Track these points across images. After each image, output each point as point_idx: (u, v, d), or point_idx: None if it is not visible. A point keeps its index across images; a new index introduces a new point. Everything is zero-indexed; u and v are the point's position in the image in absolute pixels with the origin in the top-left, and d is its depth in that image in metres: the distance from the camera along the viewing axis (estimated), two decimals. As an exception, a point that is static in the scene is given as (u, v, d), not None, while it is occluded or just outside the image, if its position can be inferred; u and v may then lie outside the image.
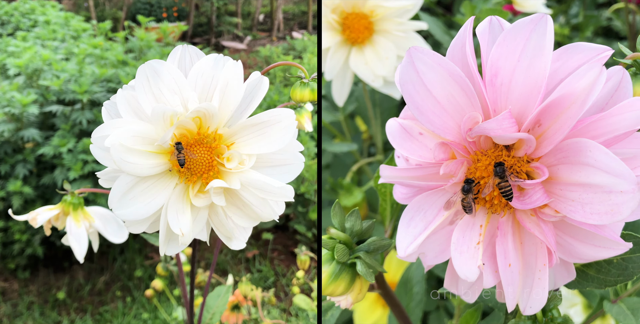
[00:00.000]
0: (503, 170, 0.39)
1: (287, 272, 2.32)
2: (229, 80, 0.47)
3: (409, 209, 0.42)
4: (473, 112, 0.39)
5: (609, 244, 0.38)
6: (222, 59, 0.48)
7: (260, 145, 0.48)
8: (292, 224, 2.40)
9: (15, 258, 2.17)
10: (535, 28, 0.38)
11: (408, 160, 0.42)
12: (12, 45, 2.44)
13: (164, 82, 0.47)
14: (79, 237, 0.71)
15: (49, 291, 2.20)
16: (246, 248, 2.43)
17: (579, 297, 0.76)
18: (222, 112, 0.48)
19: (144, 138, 0.47)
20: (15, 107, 2.05)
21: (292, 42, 3.53)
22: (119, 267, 2.29)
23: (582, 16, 1.50)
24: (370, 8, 0.93)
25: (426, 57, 0.39)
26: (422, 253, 0.42)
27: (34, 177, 2.11)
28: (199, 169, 0.49)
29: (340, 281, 0.45)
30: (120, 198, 0.48)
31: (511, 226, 0.40)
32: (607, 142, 0.37)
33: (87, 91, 2.09)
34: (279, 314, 1.95)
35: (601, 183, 0.36)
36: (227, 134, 0.49)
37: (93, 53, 2.36)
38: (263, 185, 0.48)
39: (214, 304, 0.85)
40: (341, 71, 0.97)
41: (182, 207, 0.49)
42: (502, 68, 0.39)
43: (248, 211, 0.50)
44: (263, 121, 0.48)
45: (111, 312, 2.12)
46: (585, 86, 0.36)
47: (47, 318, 2.08)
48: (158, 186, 0.49)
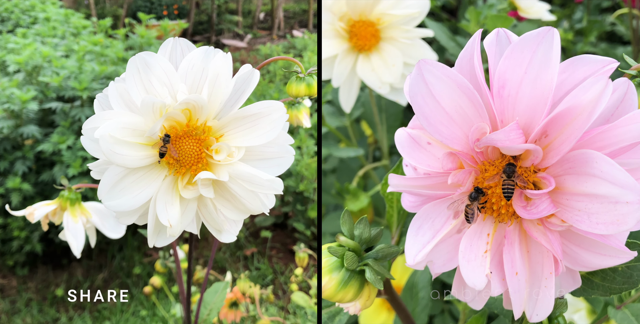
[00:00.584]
0: (513, 171, 0.40)
1: (285, 270, 2.33)
2: (219, 72, 0.47)
3: (417, 218, 0.43)
4: (481, 123, 0.40)
5: (614, 252, 0.39)
6: (212, 52, 0.48)
7: (250, 137, 0.49)
8: (291, 222, 2.40)
9: (13, 255, 2.17)
10: (542, 41, 0.38)
11: (416, 169, 0.43)
12: (12, 42, 2.44)
13: (154, 74, 0.47)
14: (76, 233, 0.71)
15: (48, 287, 2.20)
16: (245, 245, 2.44)
17: (583, 303, 0.76)
18: (212, 104, 0.48)
19: (133, 130, 0.47)
20: (15, 103, 2.05)
21: (293, 40, 3.53)
22: (117, 264, 2.30)
23: (586, 21, 1.50)
24: (377, 16, 0.94)
25: (435, 70, 0.40)
26: (430, 260, 0.43)
27: (33, 174, 2.11)
28: (188, 161, 0.49)
29: (349, 287, 0.45)
30: (109, 189, 0.48)
31: (518, 235, 0.41)
32: (613, 153, 0.38)
33: (87, 88, 2.09)
34: (277, 312, 1.95)
35: (607, 194, 0.36)
36: (217, 126, 0.49)
37: (93, 50, 2.36)
38: (252, 177, 0.48)
39: (211, 301, 0.86)
40: (348, 78, 0.98)
41: (170, 199, 0.49)
42: (510, 80, 0.39)
43: (237, 204, 0.50)
44: (253, 114, 0.48)
45: (109, 309, 2.12)
46: (591, 99, 0.37)
47: (46, 314, 2.09)
48: (147, 177, 0.49)
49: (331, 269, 0.46)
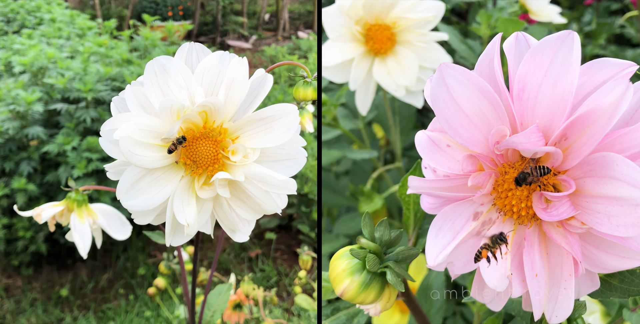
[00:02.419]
0: (524, 178, 0.40)
1: (289, 272, 2.33)
2: (235, 76, 0.48)
3: (437, 219, 0.43)
4: (501, 125, 0.40)
5: (633, 255, 0.39)
6: (227, 56, 0.49)
7: (264, 139, 0.50)
8: (296, 224, 2.41)
9: (19, 255, 2.18)
10: (563, 44, 0.39)
11: (436, 171, 0.43)
12: (18, 43, 2.44)
13: (172, 77, 0.48)
14: (82, 234, 0.72)
15: (52, 288, 2.21)
16: (249, 247, 2.44)
17: (597, 305, 0.77)
18: (228, 106, 0.49)
19: (151, 131, 0.48)
20: (20, 104, 2.06)
21: (298, 41, 3.53)
22: (122, 265, 2.30)
23: (595, 24, 1.50)
24: (393, 19, 0.95)
25: (456, 73, 0.40)
26: (450, 262, 0.43)
27: (38, 175, 2.12)
28: (205, 162, 0.50)
29: (370, 290, 0.46)
30: (128, 189, 0.49)
31: (537, 237, 0.41)
32: (633, 156, 0.38)
33: (92, 89, 2.10)
34: (281, 314, 1.95)
35: (628, 196, 0.37)
36: (232, 128, 0.50)
37: (98, 51, 2.37)
38: (266, 178, 0.49)
39: (215, 302, 0.86)
40: (364, 81, 0.99)
41: (187, 199, 0.50)
42: (530, 83, 0.39)
43: (251, 204, 0.51)
44: (267, 116, 0.49)
45: (114, 310, 2.12)
46: (612, 102, 0.37)
47: (50, 314, 2.09)
48: (165, 178, 0.50)
49: (352, 271, 0.46)
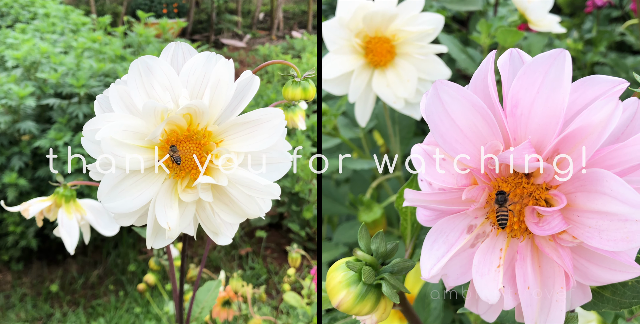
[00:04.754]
0: (504, 199, 0.41)
1: (279, 270, 2.34)
2: (220, 78, 0.48)
3: (432, 232, 0.44)
4: (494, 140, 0.41)
5: (624, 268, 0.40)
6: (214, 57, 0.49)
7: (249, 143, 0.49)
8: (286, 223, 2.41)
9: (9, 250, 2.18)
10: (555, 62, 0.39)
11: (431, 184, 0.44)
12: (11, 37, 2.43)
13: (156, 78, 0.48)
14: (70, 229, 0.72)
15: (42, 283, 2.21)
16: (239, 245, 2.45)
17: (594, 314, 0.77)
18: (212, 109, 0.49)
19: (134, 133, 0.48)
20: (13, 99, 2.06)
21: (292, 41, 3.53)
22: (112, 261, 2.30)
23: (595, 31, 1.51)
24: (393, 32, 0.96)
25: (451, 90, 0.41)
26: (445, 274, 0.44)
27: (29, 170, 2.12)
28: (188, 165, 0.49)
29: (366, 301, 0.46)
30: (109, 191, 0.49)
31: (530, 250, 0.42)
32: (622, 172, 0.39)
33: (85, 85, 2.09)
34: (270, 311, 1.96)
35: (617, 212, 0.37)
36: (217, 131, 0.50)
37: (92, 47, 2.37)
38: (250, 182, 0.49)
39: (204, 299, 0.86)
40: (364, 93, 1.00)
41: (170, 202, 0.50)
42: (522, 99, 0.40)
43: (235, 208, 0.51)
44: (252, 120, 0.49)
45: (104, 305, 2.13)
46: (602, 119, 0.38)
47: (40, 310, 2.09)
48: (147, 180, 0.50)
49: (349, 283, 0.47)
